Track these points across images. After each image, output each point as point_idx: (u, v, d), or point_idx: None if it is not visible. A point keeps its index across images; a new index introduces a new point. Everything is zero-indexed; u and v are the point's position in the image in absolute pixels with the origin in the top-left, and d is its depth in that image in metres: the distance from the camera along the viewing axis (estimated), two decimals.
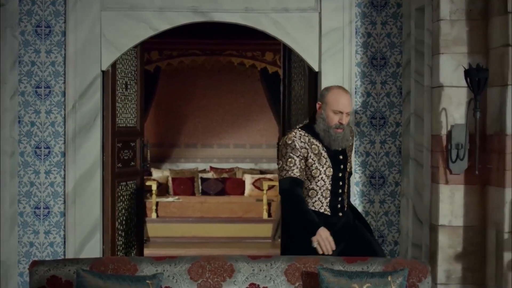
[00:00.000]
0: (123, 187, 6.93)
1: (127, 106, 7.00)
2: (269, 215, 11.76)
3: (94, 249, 6.44)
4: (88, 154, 6.46)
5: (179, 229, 11.34)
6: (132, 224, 7.15)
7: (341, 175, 4.94)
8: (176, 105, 13.45)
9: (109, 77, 6.59)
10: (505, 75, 5.07)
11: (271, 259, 4.40)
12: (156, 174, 12.92)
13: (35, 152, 6.50)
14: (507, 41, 5.06)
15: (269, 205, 11.81)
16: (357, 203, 6.45)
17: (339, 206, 4.94)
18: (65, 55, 6.47)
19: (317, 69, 6.53)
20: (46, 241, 6.50)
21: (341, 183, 4.95)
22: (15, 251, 6.47)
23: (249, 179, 12.89)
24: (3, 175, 6.34)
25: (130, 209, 7.10)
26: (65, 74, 6.47)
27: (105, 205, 6.60)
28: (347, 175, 5.05)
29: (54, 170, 6.50)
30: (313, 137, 4.87)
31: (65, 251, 6.48)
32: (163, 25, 6.53)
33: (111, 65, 6.57)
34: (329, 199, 4.90)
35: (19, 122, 6.49)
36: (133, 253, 7.19)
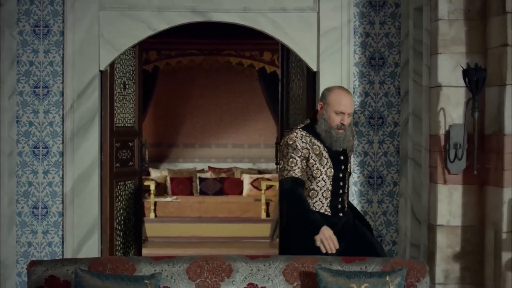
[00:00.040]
0: (121, 187, 6.93)
1: (125, 106, 7.00)
2: (267, 215, 11.75)
3: (92, 249, 6.44)
4: (86, 154, 6.46)
5: (177, 229, 11.33)
6: (130, 224, 7.15)
7: (341, 175, 4.93)
8: (174, 105, 13.44)
9: (107, 77, 6.59)
10: (504, 75, 5.07)
11: (269, 259, 4.40)
12: (154, 174, 12.91)
13: (33, 152, 6.49)
14: (506, 41, 5.05)
15: (267, 205, 11.80)
16: (355, 203, 6.45)
17: (340, 206, 4.94)
18: (63, 55, 6.47)
19: (315, 69, 6.53)
20: (44, 241, 6.50)
21: (341, 184, 4.94)
22: (13, 251, 6.46)
23: (247, 179, 12.89)
24: (1, 175, 6.34)
25: (128, 209, 7.09)
26: (63, 74, 6.47)
27: (103, 205, 6.59)
28: (348, 175, 5.06)
29: (52, 170, 6.50)
30: (315, 138, 4.86)
31: (63, 251, 6.47)
32: (161, 25, 6.52)
33: (109, 65, 6.57)
34: (329, 199, 4.89)
35: (17, 122, 6.48)
36: (131, 253, 7.19)
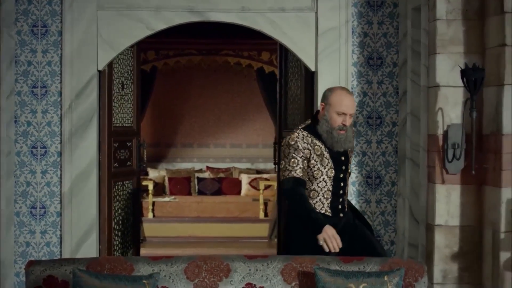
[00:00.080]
0: (119, 187, 6.92)
1: (124, 106, 7.00)
2: (266, 214, 11.76)
3: (90, 249, 6.44)
4: (84, 154, 6.45)
5: (176, 229, 11.33)
6: (128, 224, 7.15)
7: (342, 176, 4.92)
8: (172, 104, 13.44)
9: (106, 77, 6.59)
10: (502, 75, 5.07)
11: (267, 259, 4.40)
12: (152, 174, 12.91)
13: (32, 152, 6.49)
14: (504, 41, 5.06)
15: (265, 204, 11.81)
16: (353, 203, 6.44)
17: (340, 207, 4.93)
18: (61, 54, 6.46)
19: (313, 69, 6.53)
20: (42, 241, 6.50)
21: (342, 184, 4.94)
22: (12, 251, 6.46)
23: (245, 179, 12.89)
24: (0, 175, 6.34)
25: (126, 209, 7.09)
26: (61, 74, 6.46)
27: (101, 205, 6.59)
28: (348, 175, 5.05)
29: (50, 170, 6.50)
30: (316, 138, 4.84)
31: (61, 251, 6.47)
32: (159, 24, 6.52)
33: (108, 64, 6.56)
34: (330, 200, 4.88)
35: (16, 121, 6.48)
36: (130, 253, 7.18)
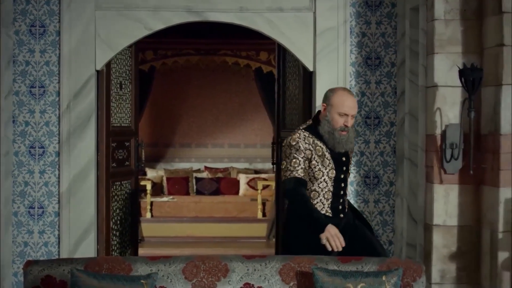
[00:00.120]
0: (117, 187, 6.92)
1: (122, 105, 6.99)
2: (264, 214, 11.74)
3: (88, 249, 6.43)
4: (82, 153, 6.45)
5: (174, 229, 11.32)
6: (126, 224, 7.14)
7: (343, 176, 4.91)
8: (170, 104, 13.42)
9: (104, 77, 6.58)
10: (500, 75, 5.08)
11: (265, 259, 4.40)
12: (150, 173, 12.90)
13: (30, 151, 6.49)
14: (502, 41, 5.06)
15: (263, 204, 11.79)
16: (351, 202, 6.45)
17: (340, 207, 4.92)
18: (59, 54, 6.46)
19: (311, 69, 6.53)
20: (40, 240, 6.49)
21: (342, 185, 4.92)
22: (10, 251, 6.46)
23: (243, 179, 12.88)
24: None
25: (124, 208, 7.09)
26: (59, 73, 6.46)
27: (99, 205, 6.59)
28: (348, 176, 5.05)
29: (48, 169, 6.49)
30: (317, 139, 4.82)
31: (59, 251, 6.47)
32: (157, 24, 6.52)
33: (106, 64, 6.56)
34: (330, 200, 4.87)
35: (14, 121, 6.47)
36: (128, 253, 7.18)
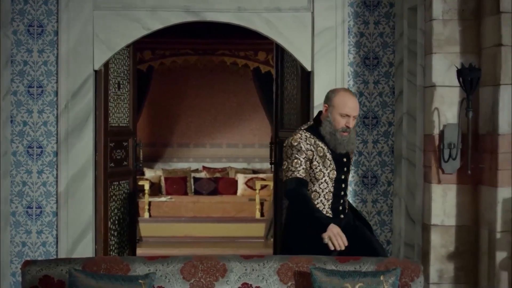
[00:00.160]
0: (115, 187, 6.92)
1: (120, 105, 6.99)
2: (262, 214, 11.74)
3: (86, 249, 6.43)
4: (80, 153, 6.45)
5: (172, 229, 11.31)
6: (124, 223, 7.14)
7: (343, 177, 4.90)
8: (168, 104, 13.42)
9: (102, 77, 6.58)
10: (497, 75, 5.08)
11: (263, 259, 4.40)
12: (148, 173, 12.90)
13: (28, 151, 6.48)
14: (500, 41, 5.07)
15: (261, 204, 11.79)
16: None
17: (341, 208, 4.91)
18: (57, 54, 6.46)
19: (309, 69, 6.53)
20: (38, 240, 6.49)
21: (343, 186, 4.92)
22: (8, 251, 6.46)
23: (241, 179, 12.88)
24: None
25: (122, 208, 7.09)
26: (57, 73, 6.46)
27: (97, 205, 6.59)
28: (348, 176, 5.04)
29: (46, 169, 6.49)
30: (319, 139, 4.81)
31: (57, 251, 6.46)
32: (155, 24, 6.52)
33: (104, 64, 6.56)
34: (331, 201, 4.86)
35: (12, 121, 6.47)
36: (126, 253, 7.18)
